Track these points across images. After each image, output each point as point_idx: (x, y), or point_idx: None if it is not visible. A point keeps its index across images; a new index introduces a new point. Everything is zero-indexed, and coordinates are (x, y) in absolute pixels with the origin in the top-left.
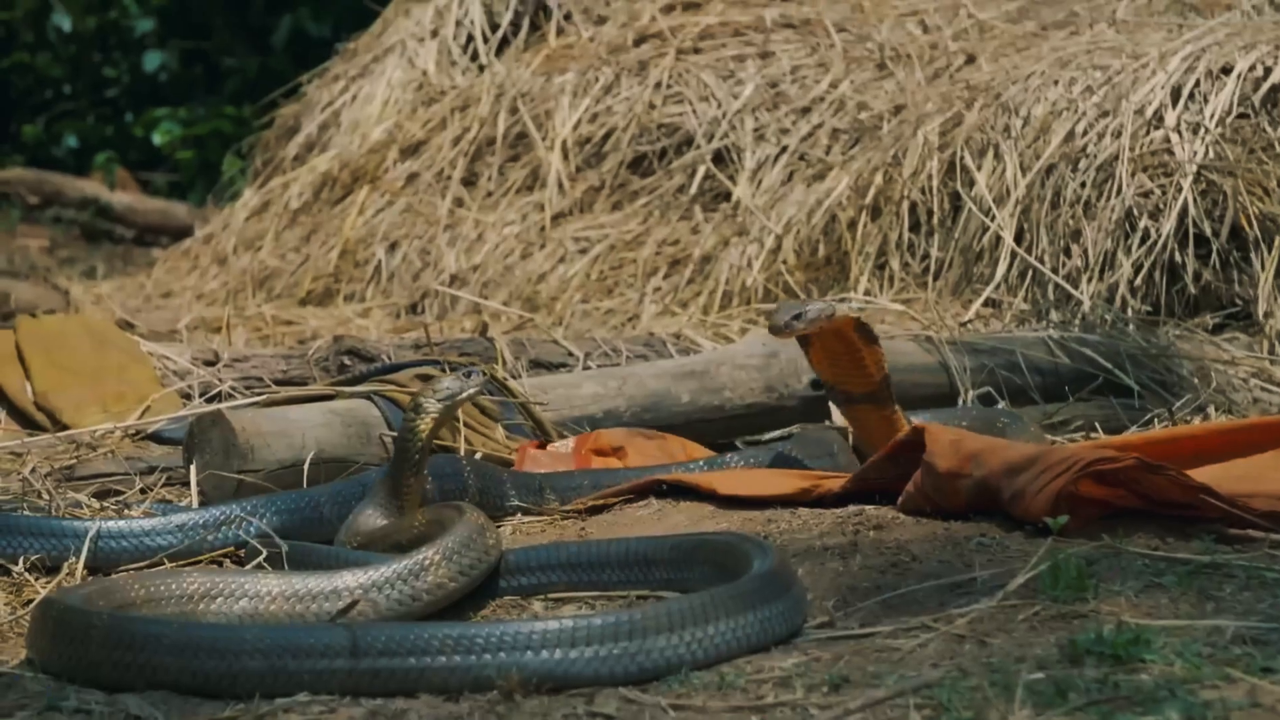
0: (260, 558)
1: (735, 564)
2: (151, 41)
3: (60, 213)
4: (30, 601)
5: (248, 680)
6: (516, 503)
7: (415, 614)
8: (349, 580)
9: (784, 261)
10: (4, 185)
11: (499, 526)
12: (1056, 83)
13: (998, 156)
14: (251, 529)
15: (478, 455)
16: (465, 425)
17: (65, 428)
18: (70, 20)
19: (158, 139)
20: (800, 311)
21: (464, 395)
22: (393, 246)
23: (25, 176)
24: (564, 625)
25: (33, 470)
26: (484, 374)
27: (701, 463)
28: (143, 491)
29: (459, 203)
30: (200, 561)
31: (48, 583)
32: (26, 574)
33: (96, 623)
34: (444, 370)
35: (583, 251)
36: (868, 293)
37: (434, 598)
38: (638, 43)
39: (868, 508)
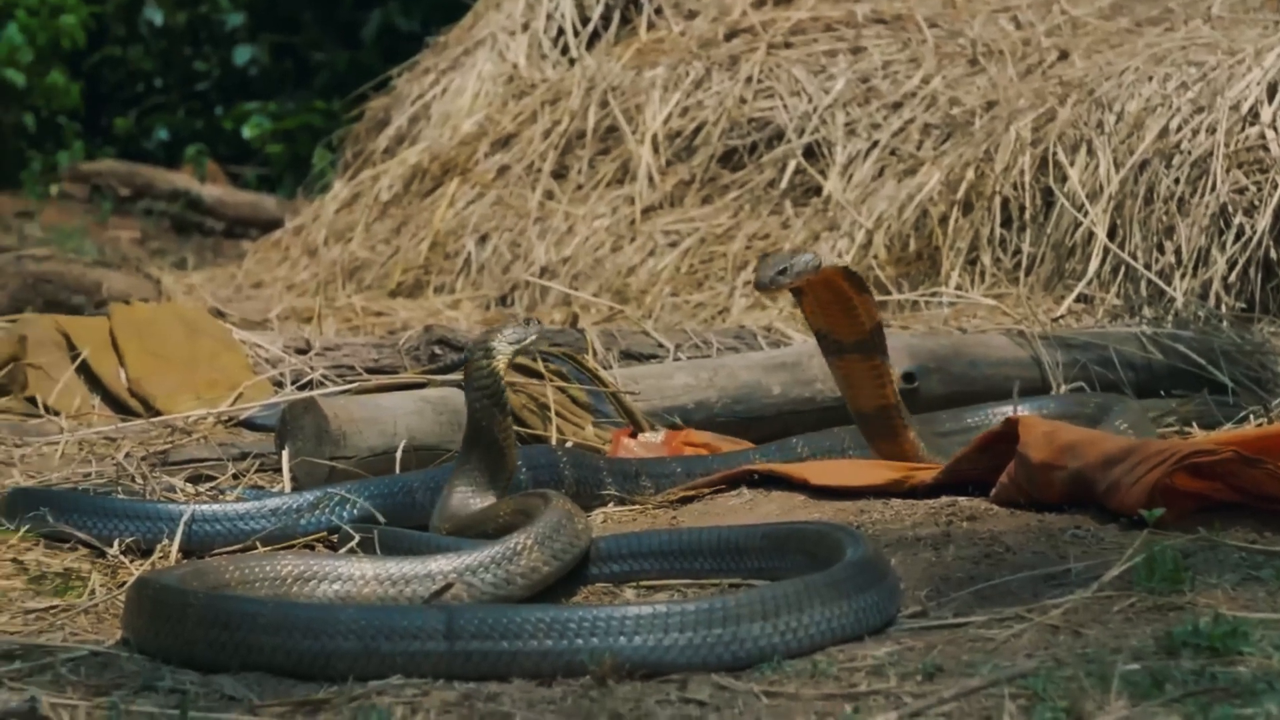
0: (353, 543)
1: (828, 553)
2: (242, 36)
3: (151, 205)
4: (126, 584)
5: (341, 661)
6: (613, 490)
7: (510, 598)
8: (443, 565)
9: (874, 256)
10: (96, 177)
11: (591, 515)
12: (1151, 79)
13: (1091, 152)
14: (345, 514)
15: (569, 444)
16: (556, 415)
17: (158, 414)
18: (162, 14)
19: (247, 133)
20: (785, 266)
21: (529, 340)
22: (483, 239)
23: (117, 169)
24: (657, 610)
25: (127, 455)
26: (540, 323)
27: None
28: (235, 477)
29: (549, 195)
30: (293, 546)
31: (142, 565)
32: (121, 556)
33: (193, 601)
34: (535, 360)
35: (673, 245)
36: (959, 288)
37: (528, 581)
38: (729, 37)
39: (961, 499)
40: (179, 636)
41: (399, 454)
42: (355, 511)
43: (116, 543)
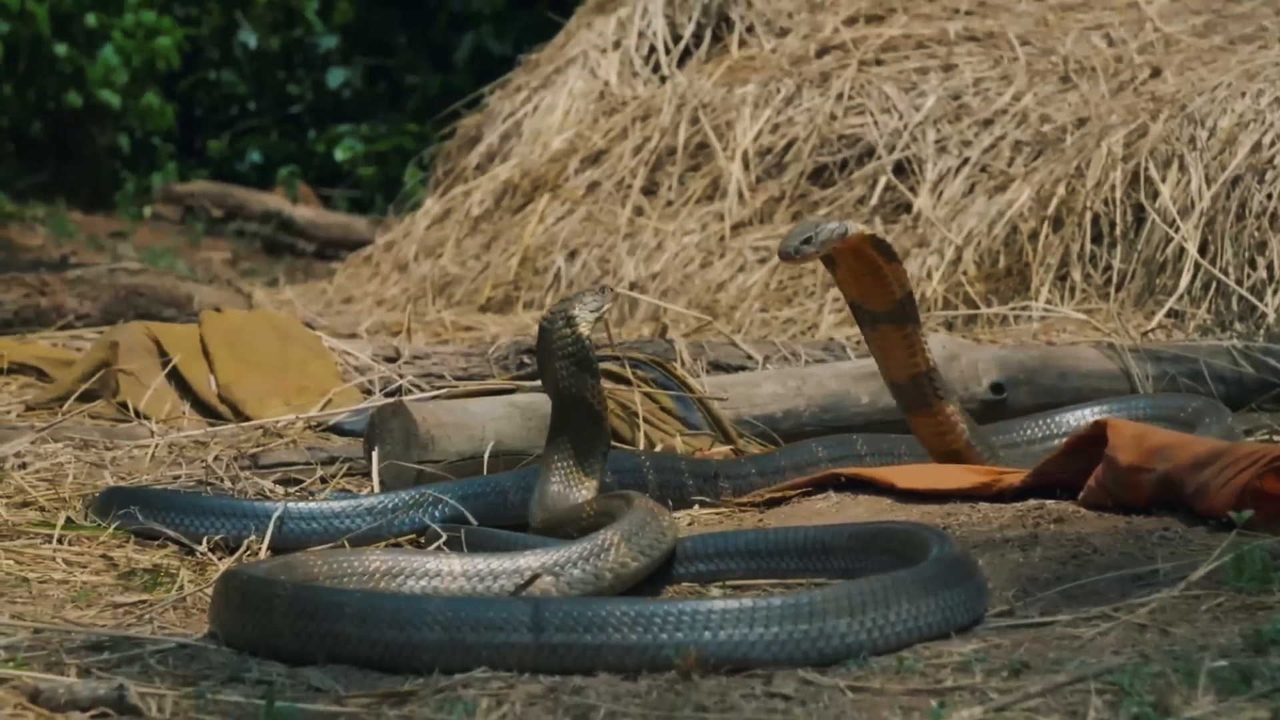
0: (439, 542)
1: (914, 552)
2: (335, 59)
3: (243, 226)
4: (214, 580)
5: (427, 652)
6: (696, 496)
7: (599, 593)
8: (531, 561)
9: (964, 272)
10: (189, 198)
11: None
12: (1244, 95)
13: (1182, 168)
14: (437, 513)
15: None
16: (645, 422)
17: (247, 420)
18: (256, 37)
19: (339, 155)
20: (810, 235)
21: (606, 308)
22: (572, 254)
23: (209, 190)
24: (743, 605)
25: (216, 457)
26: (614, 290)
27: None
28: (323, 480)
29: (639, 211)
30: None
31: (230, 562)
32: (210, 553)
33: (280, 592)
34: (623, 366)
35: (762, 261)
36: (1049, 303)
37: (617, 577)
38: (820, 54)
39: (1048, 502)
40: (266, 627)
41: (485, 458)
42: (446, 511)
43: (205, 540)
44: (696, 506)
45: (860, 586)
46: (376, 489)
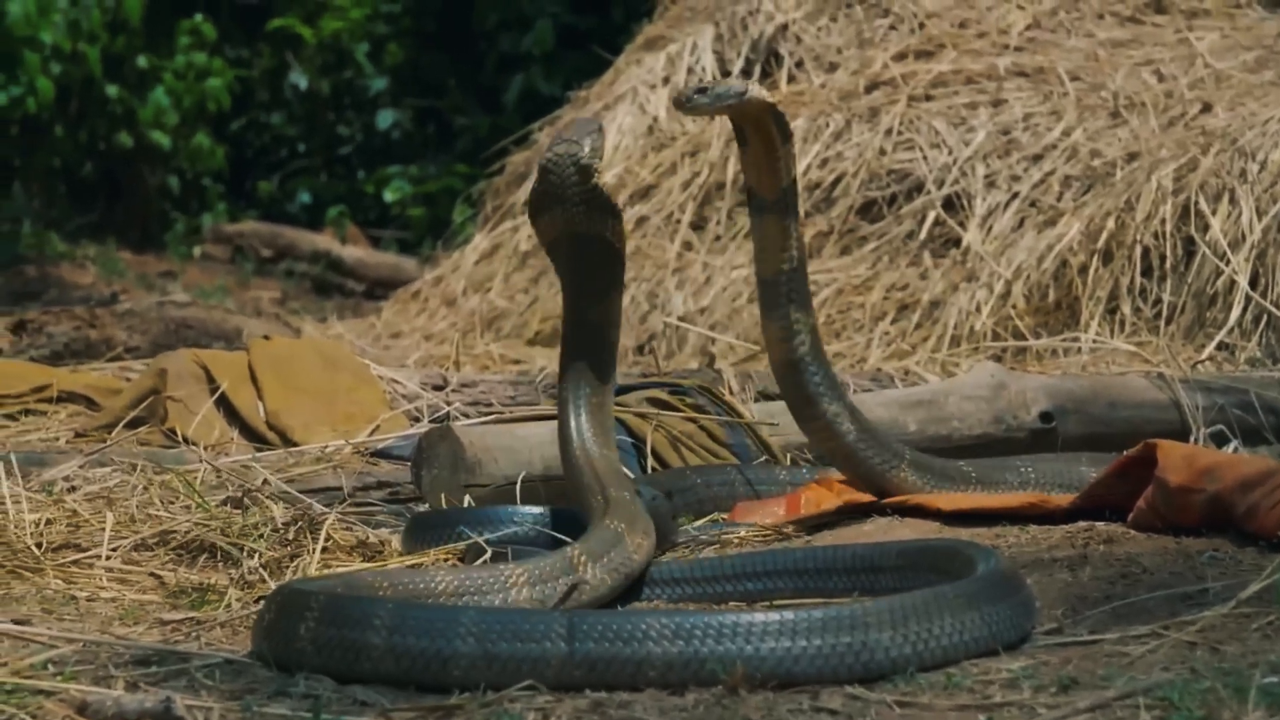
0: (484, 557)
1: (960, 568)
2: (385, 101)
3: (292, 266)
4: (261, 598)
5: (459, 664)
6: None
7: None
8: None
9: (1013, 306)
10: (239, 238)
11: (724, 536)
12: None
13: (1233, 201)
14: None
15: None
16: (690, 450)
17: (295, 446)
18: (306, 79)
19: (389, 196)
20: (707, 87)
21: (602, 142)
22: None
23: (259, 230)
24: (785, 617)
25: (264, 482)
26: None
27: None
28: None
29: (688, 246)
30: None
31: (281, 580)
32: (262, 570)
33: (313, 603)
34: (669, 393)
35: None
36: (1098, 336)
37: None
38: (869, 89)
39: (1097, 523)
40: (296, 638)
41: (519, 484)
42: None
43: (256, 557)
44: (744, 530)
45: (904, 600)
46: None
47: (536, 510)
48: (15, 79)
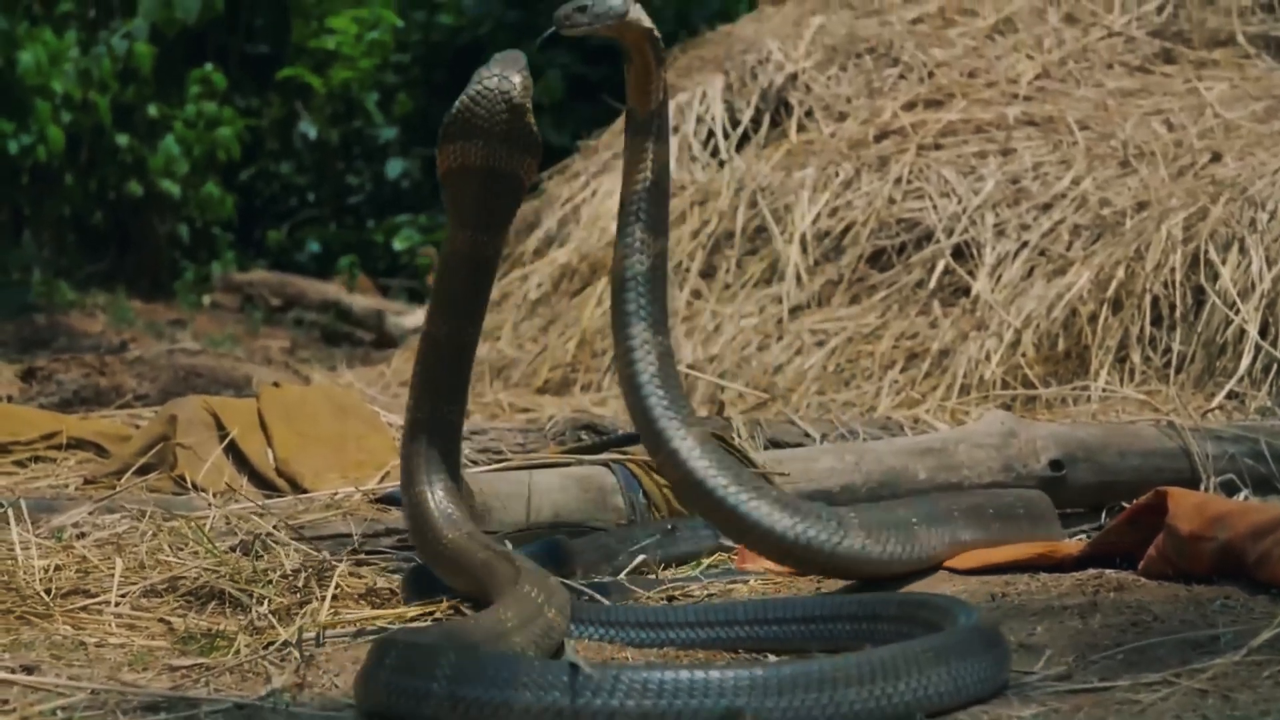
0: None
1: (944, 624)
2: (394, 150)
3: (301, 315)
4: (271, 644)
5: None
6: None
7: None
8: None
9: (1023, 355)
10: (248, 287)
11: (736, 585)
12: None
13: (1243, 251)
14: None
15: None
16: None
17: (305, 493)
18: (316, 129)
19: (398, 245)
20: (586, 5)
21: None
22: None
23: (268, 279)
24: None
25: (275, 526)
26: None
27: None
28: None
29: (697, 294)
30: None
31: (291, 629)
32: (271, 616)
33: (389, 649)
34: None
35: (820, 344)
36: (1108, 385)
37: None
38: (879, 139)
39: (1108, 571)
40: (373, 684)
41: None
42: None
43: (266, 603)
44: (752, 579)
45: (870, 656)
46: None
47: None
48: (26, 128)
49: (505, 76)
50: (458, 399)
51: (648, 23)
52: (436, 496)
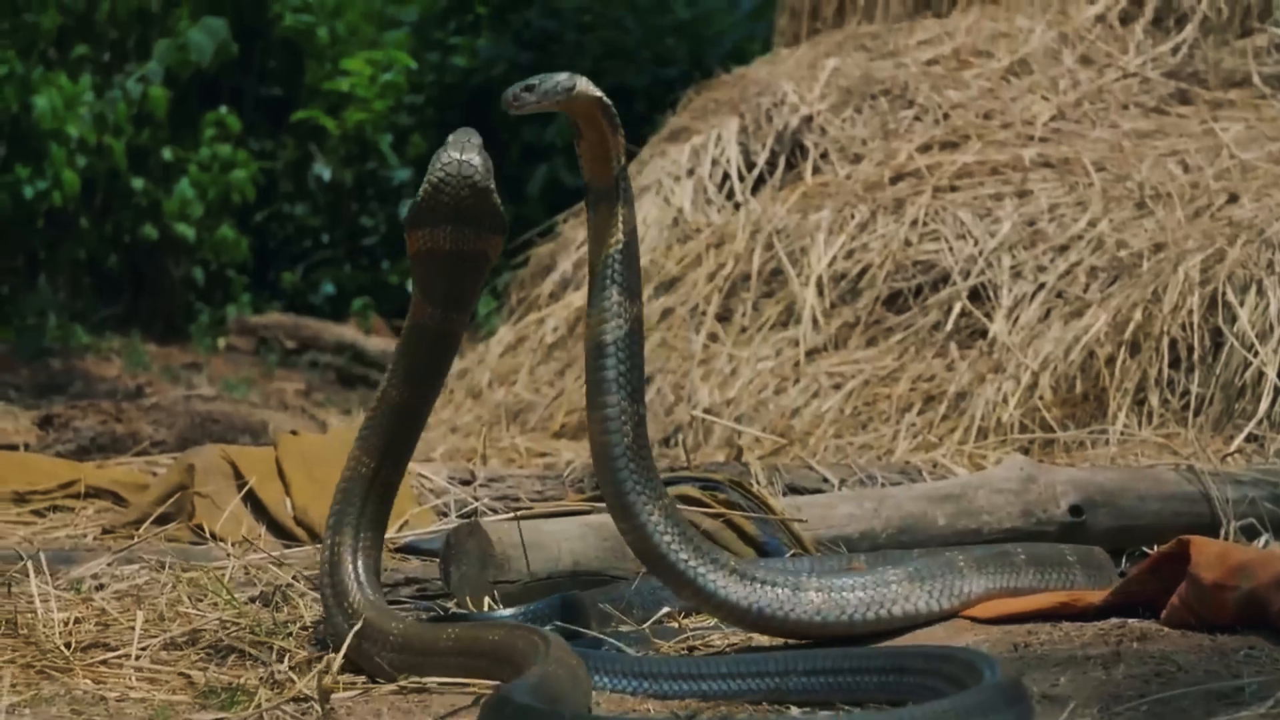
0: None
1: (971, 680)
2: (408, 191)
3: (316, 358)
4: (293, 698)
5: None
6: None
7: None
8: None
9: (1040, 398)
10: (263, 330)
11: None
12: None
13: (1260, 292)
14: None
15: None
16: (727, 550)
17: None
18: (330, 170)
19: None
20: (533, 84)
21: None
22: (647, 380)
23: (283, 321)
24: None
25: (294, 577)
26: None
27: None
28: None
29: (713, 338)
30: None
31: (311, 679)
32: (290, 672)
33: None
34: (701, 489)
35: (836, 387)
36: (1126, 428)
37: None
38: (894, 181)
39: (1130, 620)
40: None
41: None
42: None
43: (286, 658)
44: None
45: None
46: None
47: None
48: (41, 172)
49: (466, 160)
50: (400, 463)
51: (596, 92)
52: (358, 567)
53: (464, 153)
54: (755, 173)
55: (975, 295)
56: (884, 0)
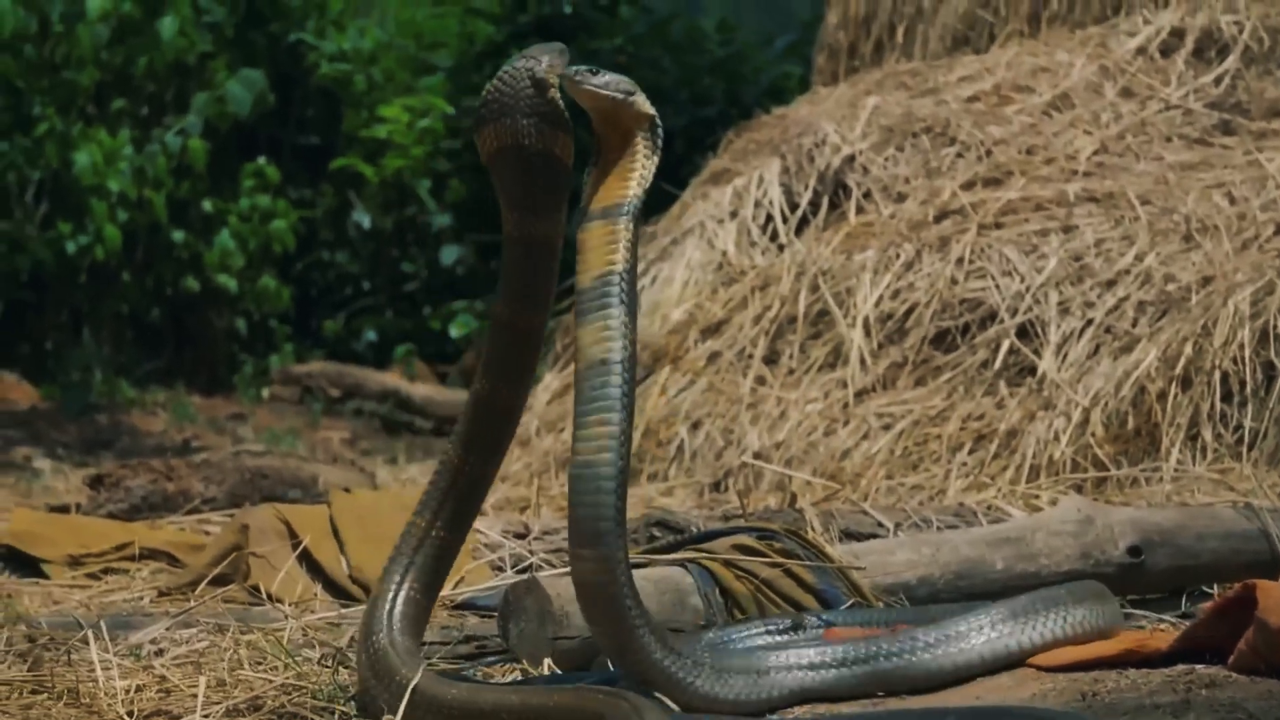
0: None
1: None
2: (448, 236)
3: (361, 405)
4: None
5: None
6: None
7: None
8: None
9: (1092, 434)
10: (306, 379)
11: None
12: None
13: None
14: None
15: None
16: (785, 599)
17: None
18: (369, 218)
19: (454, 331)
20: (599, 70)
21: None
22: (695, 425)
23: (326, 370)
24: None
25: (350, 639)
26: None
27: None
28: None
29: (761, 381)
30: None
31: None
32: None
33: None
34: (757, 539)
35: (886, 428)
36: (1180, 463)
37: None
38: (939, 219)
39: (1198, 667)
40: None
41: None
42: None
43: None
44: None
45: None
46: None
47: None
48: (83, 228)
49: (533, 55)
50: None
51: (651, 110)
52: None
53: (534, 51)
54: (798, 214)
55: (1023, 332)
56: (922, 37)
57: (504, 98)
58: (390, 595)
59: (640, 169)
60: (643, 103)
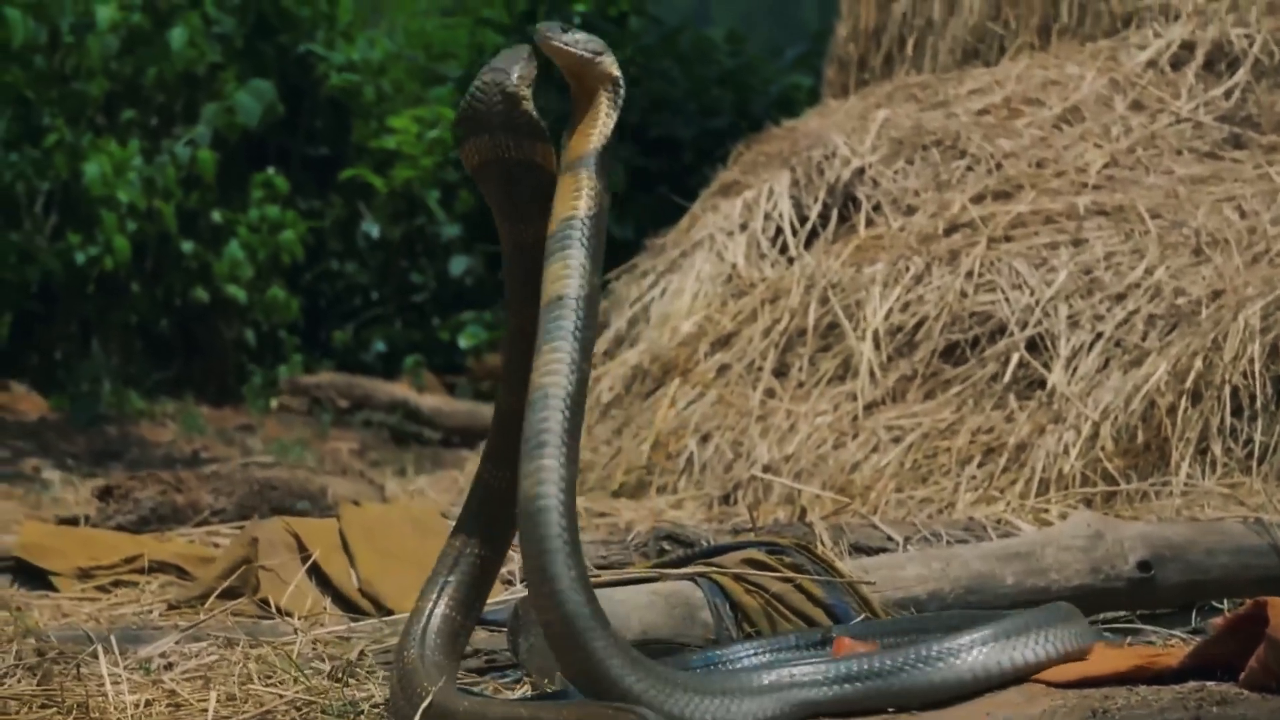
0: None
1: None
2: (457, 247)
3: (369, 416)
4: None
5: None
6: None
7: None
8: None
9: (1102, 448)
10: (315, 390)
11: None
12: None
13: None
14: None
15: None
16: (796, 614)
17: (389, 614)
18: (378, 228)
19: (463, 342)
20: (572, 28)
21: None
22: (705, 438)
23: (335, 381)
24: None
25: (360, 653)
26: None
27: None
28: (481, 672)
29: (770, 393)
30: None
31: None
32: None
33: None
34: (767, 553)
35: (896, 440)
36: (1189, 478)
37: None
38: (948, 232)
39: (1209, 683)
40: None
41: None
42: None
43: None
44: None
45: None
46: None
47: None
48: (93, 239)
49: (500, 69)
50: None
51: (616, 71)
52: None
53: (502, 62)
54: (808, 226)
55: (1033, 346)
56: (933, 50)
57: (477, 115)
58: (426, 613)
59: (601, 125)
60: (609, 63)
